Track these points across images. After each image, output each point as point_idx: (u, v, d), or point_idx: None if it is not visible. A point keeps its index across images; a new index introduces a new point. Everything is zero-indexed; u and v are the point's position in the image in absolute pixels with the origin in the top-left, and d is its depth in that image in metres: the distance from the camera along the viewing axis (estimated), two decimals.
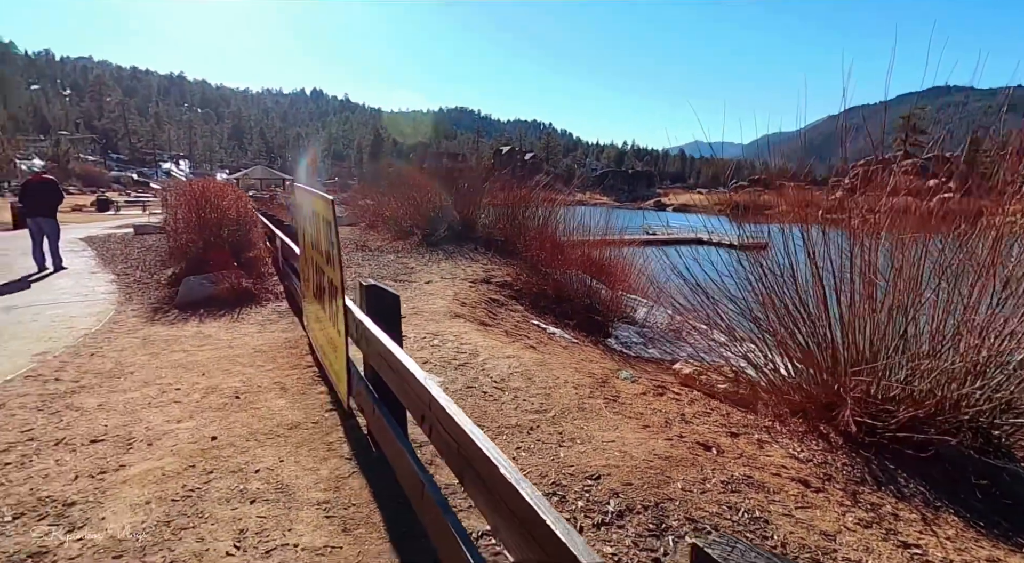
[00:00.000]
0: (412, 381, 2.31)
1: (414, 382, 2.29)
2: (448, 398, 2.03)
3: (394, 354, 2.56)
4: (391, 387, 2.77)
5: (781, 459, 3.61)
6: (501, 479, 1.50)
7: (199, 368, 5.08)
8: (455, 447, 1.90)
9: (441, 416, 1.98)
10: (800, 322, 4.48)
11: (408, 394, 2.44)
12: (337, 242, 3.64)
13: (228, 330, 6.40)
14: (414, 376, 2.29)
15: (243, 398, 4.34)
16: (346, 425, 3.82)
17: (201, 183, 10.09)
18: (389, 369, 2.71)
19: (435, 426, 2.08)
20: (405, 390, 2.47)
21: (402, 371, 2.45)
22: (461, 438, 1.82)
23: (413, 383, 2.30)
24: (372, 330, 3.02)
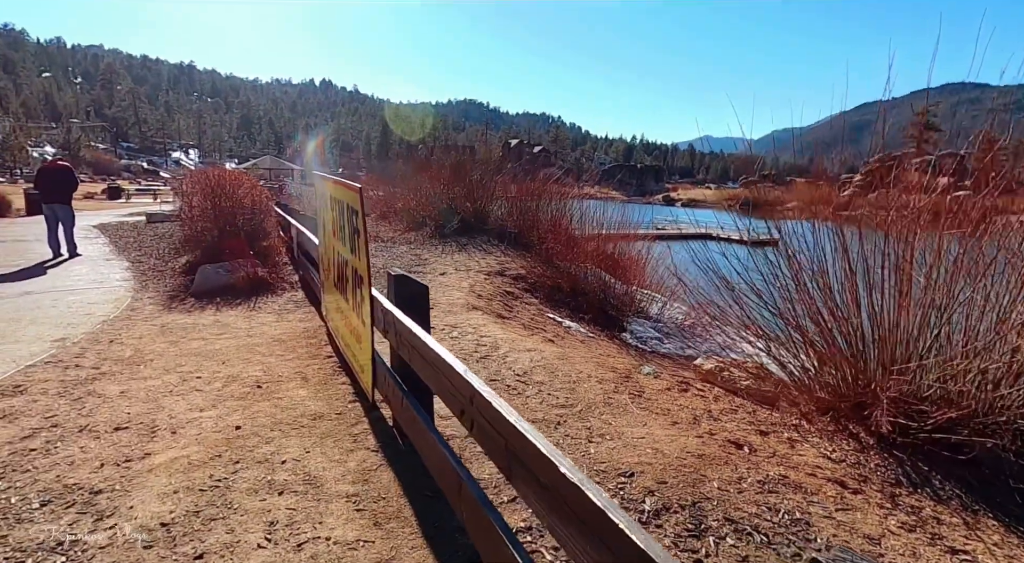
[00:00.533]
0: (452, 374, 2.25)
1: (455, 375, 2.23)
2: (493, 392, 1.97)
3: (429, 346, 2.50)
4: (425, 379, 2.71)
5: (814, 459, 3.54)
6: (562, 479, 1.44)
7: (219, 357, 5.05)
8: (502, 443, 1.84)
9: (487, 411, 1.92)
10: (831, 319, 4.40)
11: (446, 387, 2.38)
12: (364, 231, 3.58)
13: (246, 319, 6.37)
14: (454, 369, 2.23)
15: (265, 387, 4.30)
16: (370, 417, 3.77)
17: (217, 171, 10.06)
18: (423, 361, 2.65)
19: (478, 421, 2.02)
20: (442, 383, 2.41)
21: (439, 364, 2.39)
22: (511, 434, 1.76)
23: (453, 376, 2.24)
24: (403, 321, 2.96)
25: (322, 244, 5.60)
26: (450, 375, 2.28)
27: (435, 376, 2.51)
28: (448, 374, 2.30)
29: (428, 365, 2.57)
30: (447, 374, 2.31)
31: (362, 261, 3.70)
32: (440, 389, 2.49)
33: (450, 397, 2.37)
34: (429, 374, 2.60)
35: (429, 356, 2.52)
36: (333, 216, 4.81)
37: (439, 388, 2.50)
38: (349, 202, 3.95)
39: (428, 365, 2.57)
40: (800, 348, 4.69)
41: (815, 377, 4.64)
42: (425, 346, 2.56)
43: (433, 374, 2.53)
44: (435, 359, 2.44)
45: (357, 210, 3.68)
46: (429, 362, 2.54)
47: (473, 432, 2.10)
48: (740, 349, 9.99)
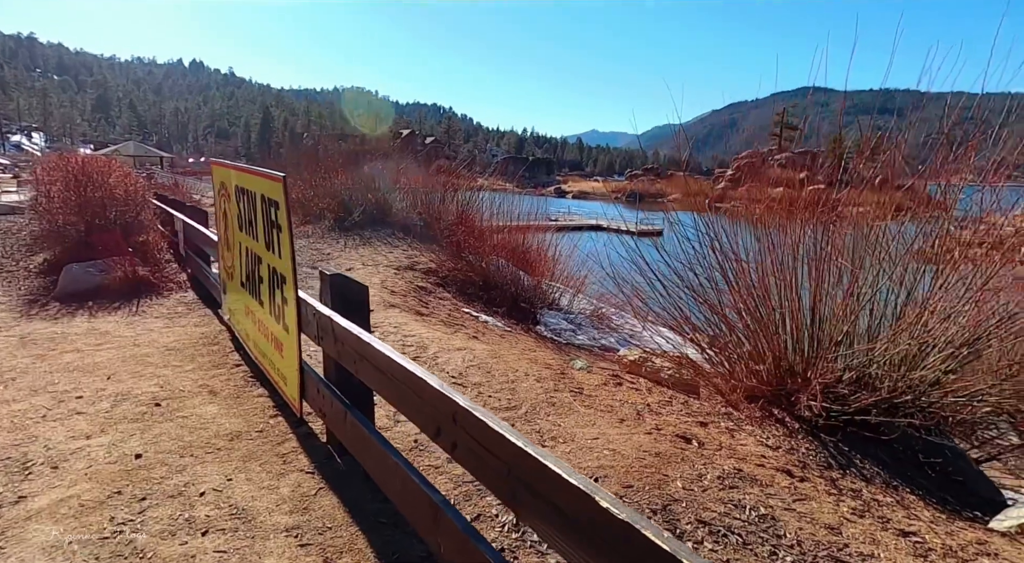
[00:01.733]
0: (423, 389, 1.99)
1: (427, 390, 1.97)
2: (487, 411, 1.74)
3: (390, 357, 2.21)
4: (380, 393, 2.41)
5: (756, 448, 3.61)
6: (602, 515, 1.25)
7: (101, 371, 4.37)
8: (501, 469, 1.62)
9: (480, 433, 1.69)
10: (757, 311, 4.53)
11: (412, 403, 2.12)
12: (288, 227, 3.18)
13: (129, 325, 5.60)
14: (427, 384, 1.97)
15: (165, 406, 3.75)
16: (298, 433, 3.38)
17: (82, 157, 8.85)
18: (378, 373, 2.36)
19: (465, 442, 1.78)
20: (406, 398, 2.14)
21: (403, 377, 2.12)
22: (517, 459, 1.54)
23: (424, 391, 1.98)
24: (348, 327, 2.63)
25: (222, 240, 5.02)
26: (419, 390, 2.02)
27: (396, 390, 2.23)
28: (417, 389, 2.04)
29: (386, 378, 2.28)
30: (415, 388, 2.05)
31: (285, 260, 3.30)
32: (403, 404, 2.21)
33: (418, 413, 2.10)
34: (387, 387, 2.31)
35: (388, 368, 2.23)
36: (240, 209, 4.30)
37: (401, 403, 2.23)
38: (266, 193, 3.51)
39: (386, 378, 2.28)
40: (728, 339, 4.81)
41: (742, 366, 4.77)
42: (382, 357, 2.26)
43: (393, 388, 2.25)
44: (398, 372, 2.15)
45: (279, 202, 3.27)
46: (388, 375, 2.25)
47: (457, 454, 1.86)
48: (648, 338, 10.28)
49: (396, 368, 2.16)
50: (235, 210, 4.46)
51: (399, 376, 2.15)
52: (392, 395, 2.29)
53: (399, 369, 2.14)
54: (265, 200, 3.56)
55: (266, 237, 3.65)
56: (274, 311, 3.66)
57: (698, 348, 5.16)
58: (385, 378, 2.29)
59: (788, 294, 4.24)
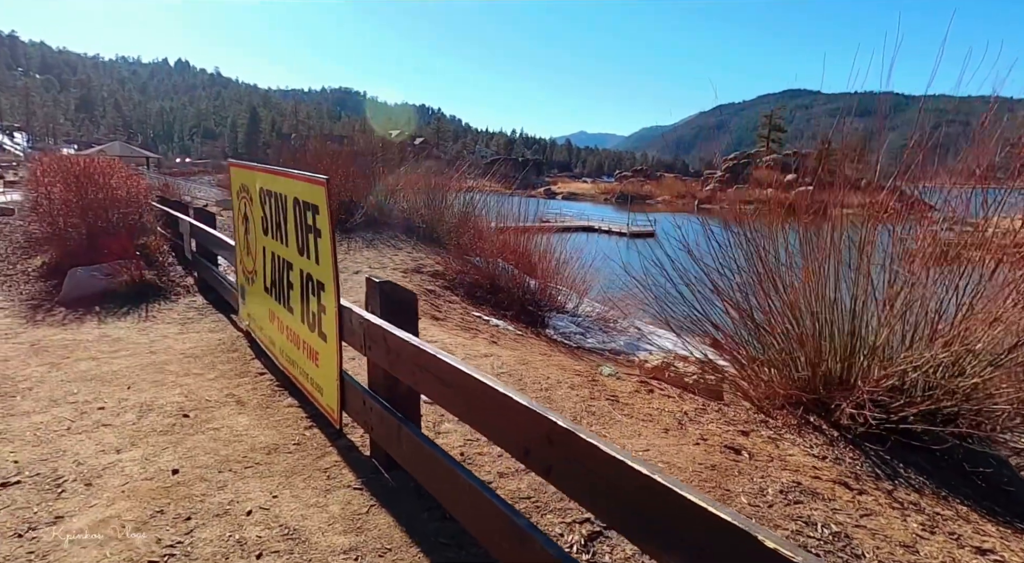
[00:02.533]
0: (508, 406, 1.88)
1: (513, 407, 1.86)
2: (589, 431, 1.63)
3: (463, 370, 2.09)
4: (449, 409, 2.30)
5: (804, 458, 3.53)
6: (770, 557, 1.15)
7: (120, 380, 4.21)
8: (624, 499, 1.51)
9: (585, 456, 1.59)
10: (792, 314, 4.46)
11: (490, 421, 2.01)
12: (330, 232, 3.06)
13: (141, 331, 5.44)
14: (511, 399, 1.86)
15: (194, 417, 3.61)
16: (337, 445, 3.25)
17: (84, 158, 8.65)
18: (442, 386, 2.24)
19: (565, 468, 1.68)
20: (485, 415, 2.03)
21: (479, 392, 2.01)
22: (641, 492, 1.43)
23: (509, 409, 1.88)
24: (403, 337, 2.52)
25: (241, 243, 4.88)
26: (502, 407, 1.91)
27: (468, 405, 2.12)
28: (498, 406, 1.93)
29: (455, 392, 2.17)
30: (496, 405, 1.94)
31: (324, 266, 3.17)
32: (479, 421, 2.11)
33: (499, 432, 2.00)
34: (457, 403, 2.20)
35: (460, 382, 2.12)
36: (265, 212, 4.17)
37: (476, 419, 2.12)
38: (301, 196, 3.39)
39: (455, 392, 2.17)
40: (769, 344, 4.72)
41: (774, 372, 4.70)
42: (452, 370, 2.15)
43: (464, 403, 2.14)
44: (473, 387, 2.04)
45: (318, 206, 3.14)
46: (458, 389, 2.14)
47: (555, 478, 1.76)
48: (656, 341, 10.21)
49: (471, 383, 2.05)
50: (258, 213, 4.33)
51: (474, 391, 2.04)
52: (463, 411, 2.19)
53: (475, 384, 2.03)
54: (300, 204, 3.43)
55: (299, 242, 3.53)
56: (307, 319, 3.53)
57: (728, 354, 5.08)
58: (453, 392, 2.18)
59: (827, 298, 4.17)
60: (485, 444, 3.23)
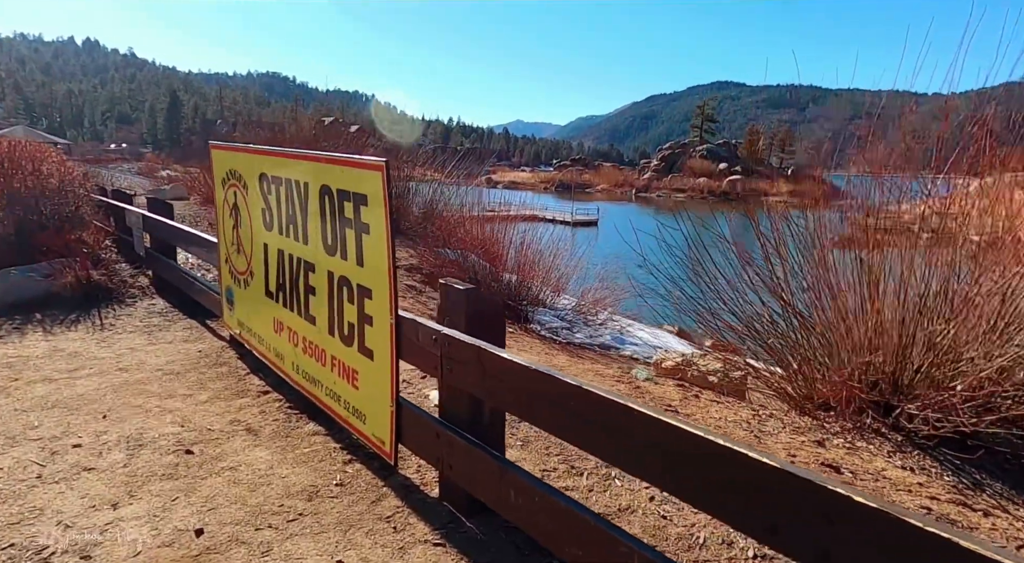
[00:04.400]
0: (743, 463, 1.42)
1: (752, 465, 1.40)
2: (881, 499, 1.20)
3: (616, 401, 1.62)
4: (601, 453, 1.82)
5: (896, 471, 3.25)
6: None
7: (91, 407, 3.48)
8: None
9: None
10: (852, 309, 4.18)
11: (688, 477, 1.55)
12: (386, 228, 2.50)
13: (101, 343, 4.63)
14: (752, 458, 1.40)
15: (199, 452, 2.97)
16: (391, 484, 2.70)
17: (10, 141, 7.53)
18: (581, 423, 1.76)
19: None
20: (675, 466, 1.57)
21: (664, 434, 1.54)
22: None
23: (740, 465, 1.41)
24: (507, 357, 2.02)
25: (228, 239, 4.20)
26: (723, 467, 1.44)
27: (633, 451, 1.65)
28: (718, 466, 1.46)
29: (608, 433, 1.69)
30: (699, 457, 1.47)
31: (375, 269, 2.62)
32: (655, 472, 1.64)
33: (708, 493, 1.54)
34: (611, 447, 1.72)
35: (629, 426, 1.64)
36: (268, 203, 3.54)
37: (650, 471, 1.65)
38: (337, 184, 2.80)
39: (608, 433, 1.69)
40: (810, 341, 4.44)
41: (823, 371, 4.43)
42: (617, 407, 1.67)
43: (623, 446, 1.66)
44: (653, 427, 1.57)
45: (367, 196, 2.57)
46: (618, 429, 1.66)
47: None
48: (645, 335, 9.94)
49: (652, 423, 1.57)
50: (257, 204, 3.68)
51: (668, 440, 1.56)
52: (624, 456, 1.71)
53: (657, 425, 1.55)
54: (332, 193, 2.84)
55: (330, 239, 2.94)
56: (340, 331, 2.95)
57: (769, 352, 4.79)
58: (606, 436, 1.70)
59: (901, 294, 3.90)
60: (565, 474, 2.77)
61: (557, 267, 10.71)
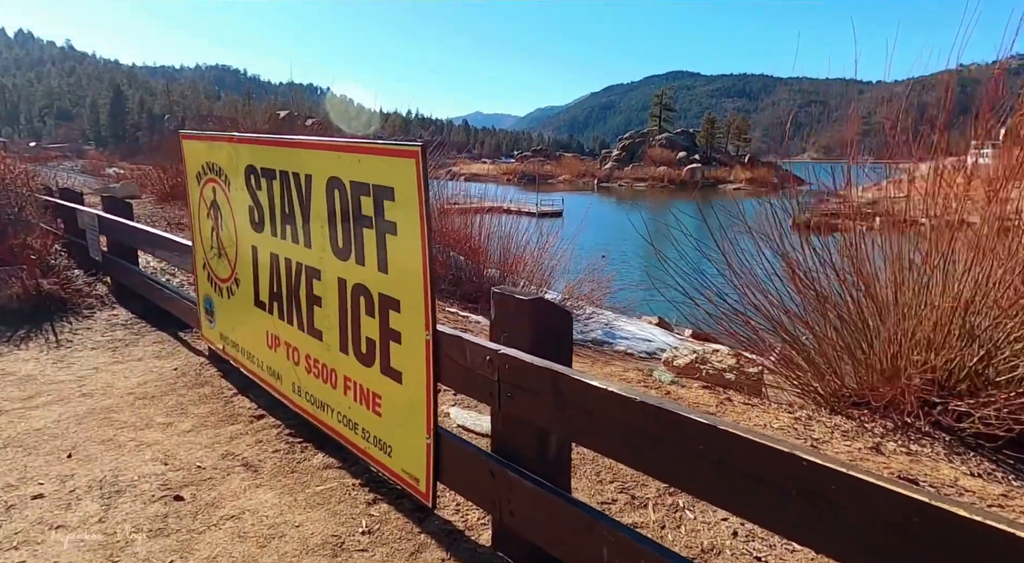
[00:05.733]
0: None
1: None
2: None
3: (801, 457, 1.25)
4: (744, 511, 1.44)
5: (969, 480, 2.99)
6: None
7: (53, 443, 2.95)
8: None
9: None
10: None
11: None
12: (421, 226, 2.08)
13: (58, 363, 4.05)
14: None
15: (190, 497, 2.50)
16: (429, 531, 2.29)
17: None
18: (725, 473, 1.39)
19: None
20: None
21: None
22: None
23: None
24: (594, 384, 1.63)
25: (207, 242, 3.69)
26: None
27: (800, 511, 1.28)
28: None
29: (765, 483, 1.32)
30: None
31: (405, 276, 2.20)
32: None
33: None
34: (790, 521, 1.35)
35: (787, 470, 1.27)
36: (258, 199, 3.08)
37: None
38: (351, 176, 2.37)
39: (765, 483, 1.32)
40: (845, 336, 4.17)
41: (854, 366, 4.18)
42: (794, 460, 1.29)
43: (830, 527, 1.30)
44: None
45: (394, 189, 2.14)
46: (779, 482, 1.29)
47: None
48: (633, 330, 9.70)
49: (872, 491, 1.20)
50: (243, 200, 3.21)
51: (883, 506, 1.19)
52: (826, 535, 1.34)
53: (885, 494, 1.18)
54: (344, 186, 2.41)
55: (341, 240, 2.50)
56: (357, 348, 2.52)
57: (795, 348, 4.52)
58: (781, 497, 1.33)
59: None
60: (627, 506, 2.41)
61: (543, 261, 10.37)
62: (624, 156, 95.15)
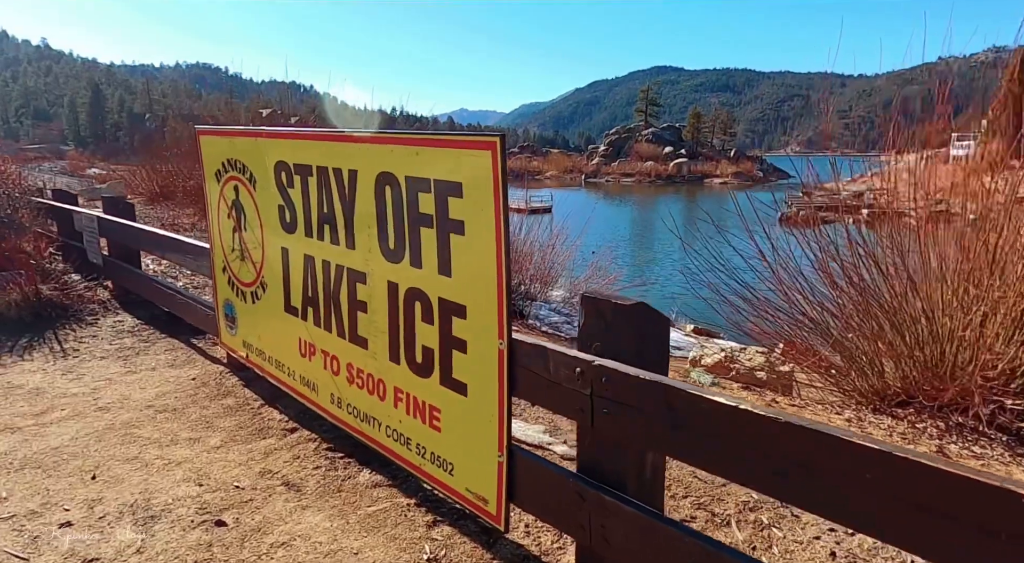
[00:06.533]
0: None
1: None
2: None
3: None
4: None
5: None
6: None
7: (75, 464, 2.73)
8: None
9: None
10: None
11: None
12: (496, 226, 1.90)
13: (68, 374, 3.81)
14: None
15: (233, 522, 2.29)
16: (503, 555, 2.11)
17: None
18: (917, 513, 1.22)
19: None
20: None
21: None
22: None
23: None
24: (724, 402, 1.46)
25: (227, 245, 3.48)
26: None
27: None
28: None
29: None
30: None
31: (480, 281, 2.01)
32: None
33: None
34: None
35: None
36: (289, 198, 2.88)
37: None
38: (407, 171, 2.17)
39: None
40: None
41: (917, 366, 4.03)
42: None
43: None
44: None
45: (473, 184, 1.95)
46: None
47: None
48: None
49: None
50: (273, 199, 2.99)
51: None
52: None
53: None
54: (401, 183, 2.21)
55: (393, 241, 2.31)
56: (410, 357, 2.33)
57: (833, 346, 4.38)
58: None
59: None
60: (709, 524, 2.24)
61: (552, 258, 10.23)
62: (611, 152, 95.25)
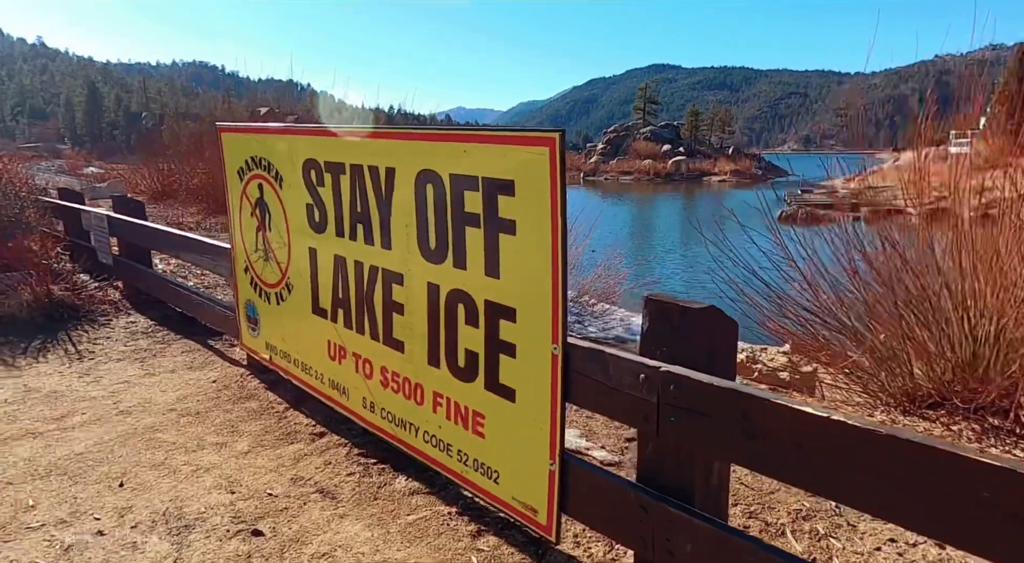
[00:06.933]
0: None
1: None
2: None
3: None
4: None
5: None
6: None
7: (100, 470, 2.66)
8: None
9: None
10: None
11: None
12: (553, 225, 1.83)
13: (85, 378, 3.73)
14: None
15: (270, 531, 2.22)
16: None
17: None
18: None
19: None
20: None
21: None
22: None
23: None
24: (812, 412, 1.39)
25: (250, 245, 3.40)
26: None
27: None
28: None
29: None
30: None
31: (533, 284, 1.95)
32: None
33: None
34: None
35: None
36: (319, 197, 2.81)
37: None
38: (457, 169, 2.10)
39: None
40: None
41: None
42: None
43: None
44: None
45: (528, 182, 1.88)
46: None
47: None
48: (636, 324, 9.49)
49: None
50: (301, 198, 2.92)
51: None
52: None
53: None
54: (445, 181, 2.14)
55: (434, 241, 2.24)
56: (452, 361, 2.27)
57: (818, 352, 4.32)
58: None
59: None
60: (762, 533, 2.18)
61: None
62: (609, 150, 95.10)
